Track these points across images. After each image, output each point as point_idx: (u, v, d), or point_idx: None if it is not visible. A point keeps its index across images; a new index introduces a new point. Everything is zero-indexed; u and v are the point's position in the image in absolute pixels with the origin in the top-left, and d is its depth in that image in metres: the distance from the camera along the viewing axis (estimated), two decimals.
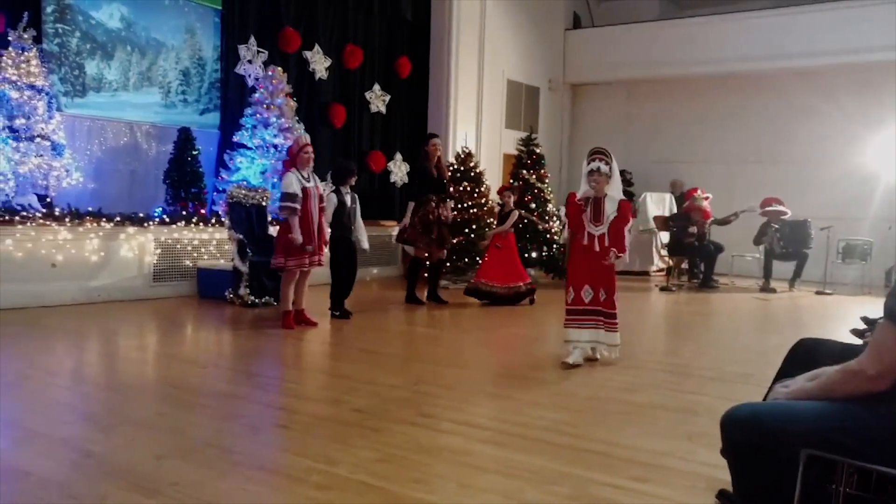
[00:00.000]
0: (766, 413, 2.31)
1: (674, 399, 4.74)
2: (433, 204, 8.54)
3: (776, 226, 11.65)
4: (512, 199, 9.26)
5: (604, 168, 5.54)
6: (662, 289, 11.34)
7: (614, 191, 5.64)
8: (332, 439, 3.69)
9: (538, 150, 11.86)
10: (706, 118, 14.52)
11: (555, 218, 11.70)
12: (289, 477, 3.20)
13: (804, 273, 11.61)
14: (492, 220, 10.70)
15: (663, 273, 12.75)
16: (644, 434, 3.93)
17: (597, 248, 5.59)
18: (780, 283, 11.60)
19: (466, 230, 10.42)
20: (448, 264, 9.88)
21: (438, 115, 13.08)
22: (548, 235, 11.38)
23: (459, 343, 6.88)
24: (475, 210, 10.68)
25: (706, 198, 11.83)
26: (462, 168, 10.91)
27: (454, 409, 4.33)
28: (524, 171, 11.56)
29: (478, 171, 11.11)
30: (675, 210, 13.07)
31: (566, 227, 5.93)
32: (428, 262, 8.97)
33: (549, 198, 11.72)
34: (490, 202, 10.99)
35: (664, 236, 12.73)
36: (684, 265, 12.42)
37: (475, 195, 10.80)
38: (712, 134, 14.47)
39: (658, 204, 13.41)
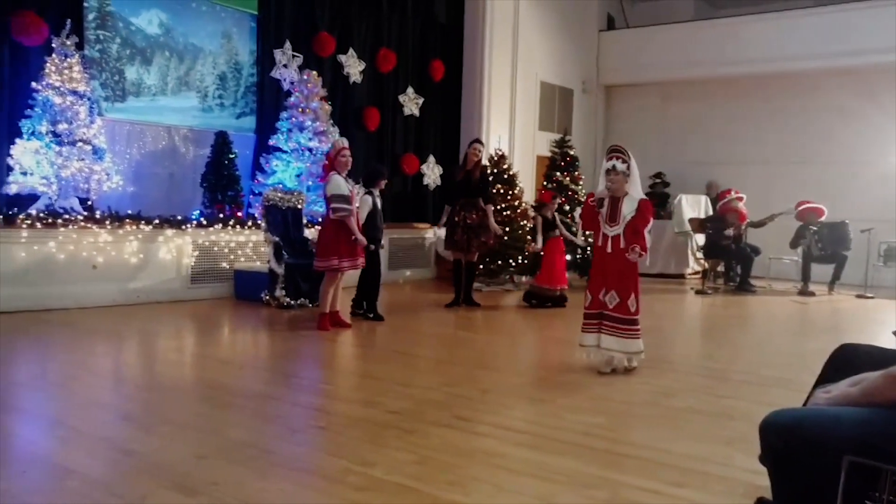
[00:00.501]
0: (807, 419, 2.27)
1: (710, 403, 4.70)
2: (458, 207, 8.57)
3: (814, 228, 11.45)
4: (556, 205, 9.35)
5: (620, 166, 5.32)
6: (698, 292, 11.21)
7: (634, 190, 5.41)
8: (368, 441, 3.72)
9: (572, 152, 11.81)
10: (743, 118, 14.34)
11: None
12: (326, 477, 3.23)
13: (844, 276, 11.39)
14: (525, 222, 10.68)
15: (699, 276, 12.60)
16: (681, 438, 3.90)
17: (609, 250, 5.39)
18: (819, 286, 11.40)
19: (499, 233, 10.40)
20: (482, 267, 9.88)
21: (472, 117, 13.08)
22: (582, 238, 11.30)
23: (493, 346, 6.88)
24: (508, 212, 10.65)
25: (740, 198, 11.67)
26: (495, 170, 10.90)
27: (489, 411, 4.34)
28: (558, 174, 11.52)
29: (511, 173, 11.10)
30: (710, 212, 12.91)
31: (581, 227, 5.93)
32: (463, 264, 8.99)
33: (583, 200, 11.64)
34: (524, 204, 10.97)
35: (700, 238, 12.59)
36: (720, 268, 12.27)
37: (509, 197, 10.78)
38: (749, 134, 14.28)
39: (693, 206, 13.26)
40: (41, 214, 7.51)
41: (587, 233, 5.69)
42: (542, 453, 3.60)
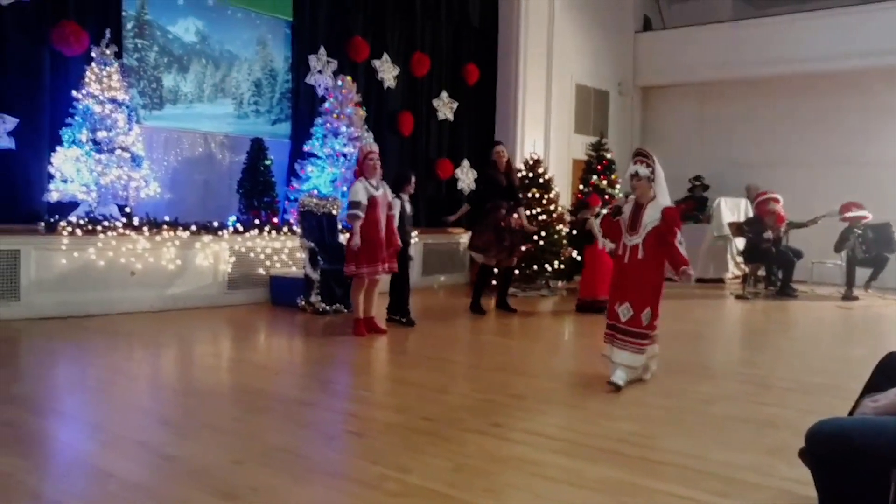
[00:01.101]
0: (855, 428, 2.21)
1: (752, 411, 4.60)
2: (503, 211, 8.50)
3: (858, 231, 11.20)
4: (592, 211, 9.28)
5: (643, 171, 5.05)
6: (738, 297, 11.02)
7: (660, 196, 5.13)
8: (404, 447, 3.71)
9: (608, 155, 11.70)
10: (784, 120, 14.08)
11: None
12: (362, 483, 3.22)
13: (891, 282, 11.13)
14: (561, 227, 10.61)
15: (739, 280, 12.40)
16: (722, 447, 3.82)
17: (626, 260, 5.11)
18: (856, 289, 11.15)
19: (535, 237, 10.36)
20: (517, 272, 9.83)
21: (506, 121, 13.04)
22: None
23: (528, 352, 6.83)
24: (544, 217, 10.59)
25: (776, 199, 11.46)
26: (531, 174, 10.85)
27: (524, 418, 4.30)
28: (594, 177, 11.42)
29: (546, 177, 11.03)
30: (750, 215, 12.71)
31: (601, 235, 5.49)
32: (496, 270, 8.94)
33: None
34: (560, 209, 10.90)
35: (739, 242, 12.40)
36: (761, 272, 12.06)
37: (544, 202, 10.71)
38: (790, 136, 14.02)
39: (733, 209, 13.06)
40: (81, 221, 7.63)
41: (607, 240, 5.38)
42: (578, 460, 3.55)
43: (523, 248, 8.83)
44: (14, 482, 3.17)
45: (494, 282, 9.11)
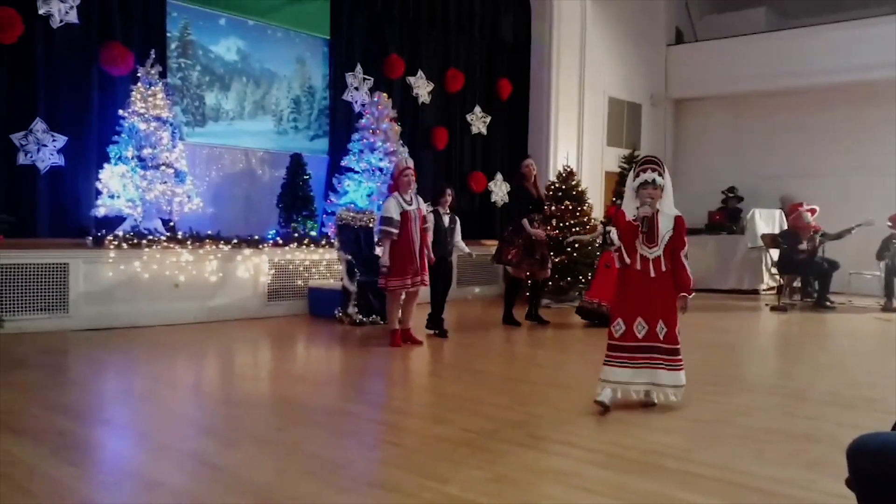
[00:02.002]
0: None
1: (791, 424, 4.58)
2: (535, 225, 8.56)
3: None
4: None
5: (659, 180, 4.80)
6: (773, 308, 10.92)
7: (667, 206, 4.89)
8: (442, 458, 3.76)
9: None
10: (819, 130, 13.95)
11: None
12: (402, 493, 3.28)
13: None
14: (594, 238, 10.62)
15: (774, 292, 12.27)
16: (760, 460, 3.82)
17: (653, 274, 4.79)
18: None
19: (569, 249, 10.37)
20: (550, 283, 9.86)
21: (539, 134, 13.11)
22: None
23: (563, 363, 6.86)
24: (577, 229, 10.61)
25: (811, 210, 11.34)
26: (563, 187, 10.89)
27: (562, 430, 4.33)
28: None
29: (579, 189, 11.06)
30: (785, 226, 12.59)
31: (613, 247, 5.00)
32: (529, 282, 8.98)
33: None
34: (593, 221, 10.91)
35: (774, 253, 12.28)
36: (796, 283, 11.93)
37: (577, 214, 10.74)
38: (825, 147, 13.88)
39: (767, 220, 12.96)
40: (127, 235, 7.86)
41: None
42: (617, 473, 3.58)
43: (556, 260, 8.86)
44: (66, 489, 3.29)
45: (527, 294, 9.14)
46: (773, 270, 12.50)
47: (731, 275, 13.12)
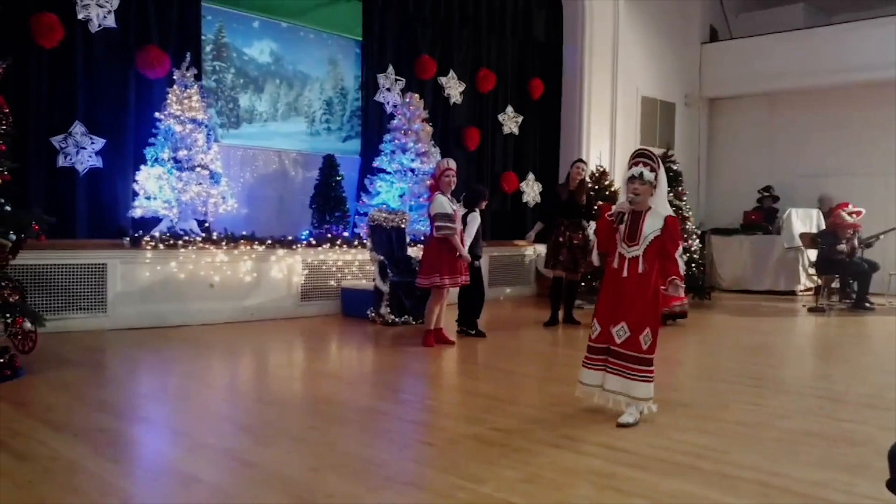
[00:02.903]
0: None
1: (830, 427, 4.51)
2: (563, 227, 8.55)
3: None
4: None
5: (648, 175, 4.45)
6: (811, 309, 10.74)
7: (659, 204, 4.55)
8: (475, 458, 3.77)
9: (675, 167, 11.57)
10: (858, 128, 13.67)
11: (694, 236, 11.38)
12: (435, 493, 3.29)
13: None
14: None
15: (811, 293, 12.08)
16: (799, 463, 3.77)
17: (625, 273, 4.49)
18: None
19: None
20: (583, 284, 9.81)
21: (571, 134, 13.05)
22: (687, 254, 11.07)
23: None
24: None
25: (856, 212, 11.14)
26: (596, 187, 10.82)
27: (595, 430, 4.31)
28: None
29: (612, 189, 10.98)
30: (823, 226, 12.38)
31: (595, 246, 5.00)
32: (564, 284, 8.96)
33: (687, 215, 11.41)
34: None
35: (812, 254, 12.08)
36: (835, 284, 11.72)
37: None
38: (865, 145, 13.60)
39: (804, 220, 12.75)
40: (163, 236, 7.97)
41: (600, 253, 4.74)
42: (651, 474, 3.56)
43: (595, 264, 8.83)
44: (106, 485, 3.35)
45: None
46: (811, 271, 12.29)
47: (767, 276, 12.94)
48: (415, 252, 9.15)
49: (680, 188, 11.43)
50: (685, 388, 5.71)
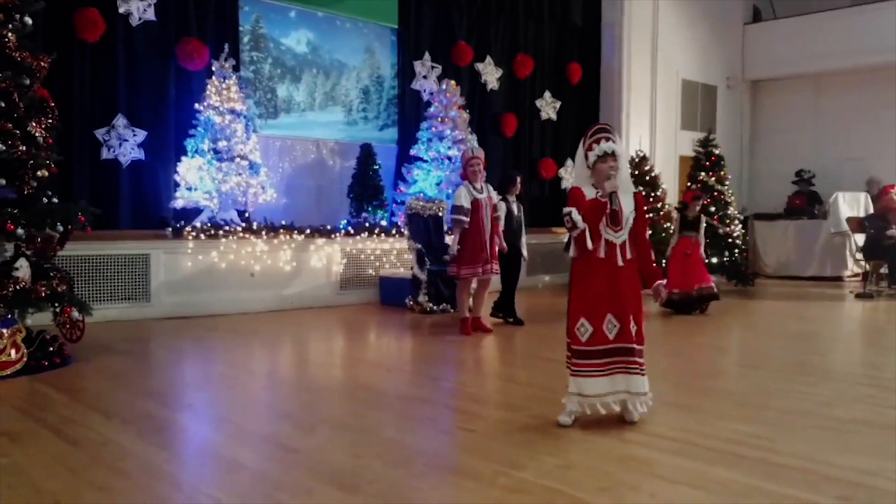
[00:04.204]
0: None
1: (879, 415, 4.40)
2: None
3: None
4: (699, 205, 8.97)
5: (620, 149, 4.08)
6: (858, 295, 10.51)
7: (625, 182, 4.18)
8: (516, 444, 3.76)
9: (717, 151, 11.40)
10: None
11: (736, 221, 11.21)
12: (477, 479, 3.29)
13: None
14: (668, 224, 10.39)
15: (859, 278, 11.81)
16: (845, 451, 3.69)
17: (620, 262, 4.08)
18: None
19: None
20: None
21: (610, 118, 12.89)
22: (729, 240, 10.91)
23: None
24: (651, 215, 10.41)
25: None
26: (636, 172, 10.69)
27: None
28: (703, 174, 11.15)
29: (653, 174, 10.85)
30: (871, 210, 12.08)
31: (573, 231, 4.01)
32: None
33: (729, 200, 11.24)
34: (667, 206, 10.69)
35: (859, 238, 11.80)
36: (883, 270, 11.43)
37: (651, 199, 10.54)
38: None
39: (851, 204, 12.46)
40: (204, 226, 8.08)
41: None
42: (694, 461, 3.51)
43: None
44: (155, 469, 3.42)
45: None
46: (858, 256, 12.02)
47: (812, 261, 12.68)
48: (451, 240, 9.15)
49: (722, 172, 11.26)
50: (728, 375, 5.63)
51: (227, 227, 8.20)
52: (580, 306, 4.11)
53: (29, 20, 5.42)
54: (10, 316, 5.24)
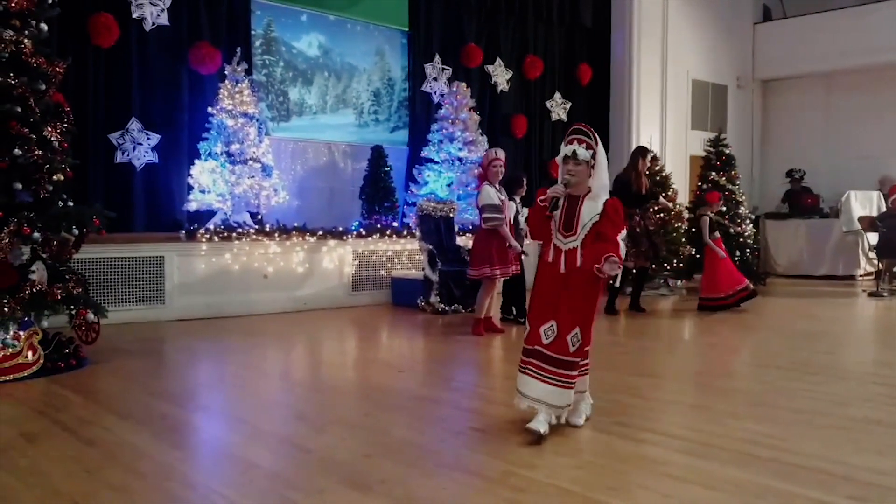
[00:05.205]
0: None
1: (890, 414, 4.39)
2: (637, 217, 8.49)
3: None
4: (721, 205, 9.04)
5: (583, 153, 3.85)
6: (871, 294, 10.46)
7: (598, 187, 3.94)
8: (527, 444, 3.76)
9: (727, 151, 11.37)
10: None
11: (747, 221, 11.18)
12: (488, 479, 3.31)
13: None
14: (679, 224, 10.38)
15: (871, 277, 11.75)
16: (859, 450, 3.69)
17: (562, 269, 3.90)
18: None
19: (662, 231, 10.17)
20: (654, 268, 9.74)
21: (621, 119, 12.91)
22: (740, 239, 10.88)
23: (649, 351, 6.76)
24: (662, 215, 10.39)
25: None
26: (647, 172, 10.65)
27: (649, 418, 4.28)
28: (713, 173, 11.12)
29: (664, 174, 10.83)
30: (884, 208, 12.02)
31: (527, 235, 3.96)
32: (634, 271, 8.88)
33: (740, 200, 11.21)
34: (678, 206, 10.67)
35: (872, 237, 11.75)
36: None
37: (662, 199, 10.50)
38: None
39: (864, 203, 12.40)
40: (218, 229, 8.14)
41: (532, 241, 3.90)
42: (706, 461, 3.52)
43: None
44: (170, 469, 3.45)
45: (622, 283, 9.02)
46: (871, 255, 11.96)
47: (824, 260, 12.63)
48: (463, 241, 9.18)
49: (733, 172, 11.24)
50: (741, 374, 5.63)
51: (240, 230, 8.25)
52: (529, 307, 4.11)
53: (45, 26, 5.47)
54: (26, 318, 5.30)
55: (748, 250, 11.00)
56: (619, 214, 3.93)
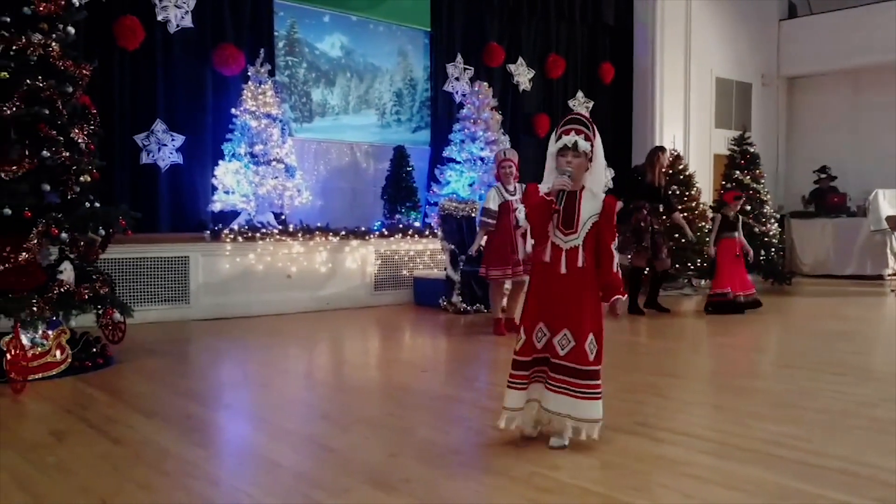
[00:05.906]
0: None
1: None
2: (645, 212, 8.42)
3: None
4: (739, 205, 8.94)
5: (583, 144, 3.60)
6: None
7: (595, 182, 3.70)
8: (551, 447, 3.76)
9: (752, 149, 11.27)
10: None
11: (772, 220, 11.07)
12: (512, 479, 3.31)
13: None
14: (704, 223, 10.30)
15: None
16: (887, 452, 3.64)
17: (563, 270, 3.64)
18: None
19: (676, 235, 10.11)
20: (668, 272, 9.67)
21: (644, 117, 12.84)
22: (765, 238, 10.78)
23: (671, 352, 6.72)
24: (686, 214, 10.33)
25: None
26: (671, 171, 10.61)
27: (670, 418, 4.26)
28: (738, 172, 11.03)
29: (687, 173, 10.76)
30: None
31: (528, 232, 3.79)
32: (649, 271, 8.82)
33: (765, 199, 11.11)
34: (702, 206, 10.60)
35: None
36: None
37: (685, 199, 10.45)
38: None
39: (892, 202, 12.23)
40: (242, 229, 8.20)
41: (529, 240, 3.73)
42: (729, 461, 3.50)
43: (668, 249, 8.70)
44: (195, 468, 3.49)
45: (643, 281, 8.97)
46: None
47: (851, 259, 12.48)
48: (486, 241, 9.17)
49: (758, 170, 11.14)
50: (764, 374, 5.58)
51: (263, 230, 8.31)
52: (524, 314, 3.85)
53: (72, 30, 5.55)
54: (55, 318, 5.38)
55: (773, 250, 10.90)
56: (614, 216, 3.73)
